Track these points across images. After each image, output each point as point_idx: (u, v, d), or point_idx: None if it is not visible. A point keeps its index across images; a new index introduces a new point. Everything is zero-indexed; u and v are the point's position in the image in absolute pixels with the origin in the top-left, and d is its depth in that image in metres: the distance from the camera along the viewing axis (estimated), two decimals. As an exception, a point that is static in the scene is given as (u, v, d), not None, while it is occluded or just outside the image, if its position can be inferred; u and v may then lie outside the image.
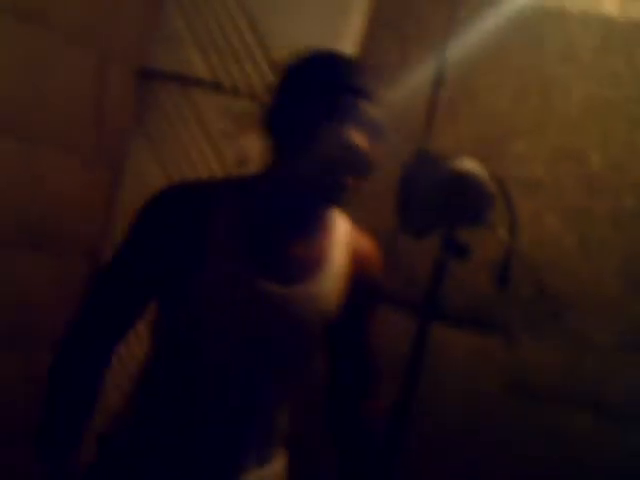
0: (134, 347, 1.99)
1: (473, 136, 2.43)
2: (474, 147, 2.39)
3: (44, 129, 2.25)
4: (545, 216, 2.38)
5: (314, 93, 1.39)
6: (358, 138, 1.37)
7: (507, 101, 2.43)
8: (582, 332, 2.35)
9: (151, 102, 2.45)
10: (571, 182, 2.37)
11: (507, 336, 2.40)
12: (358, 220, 1.59)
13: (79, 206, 2.41)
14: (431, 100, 2.43)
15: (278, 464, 1.59)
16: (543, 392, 2.38)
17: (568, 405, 2.34)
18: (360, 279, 1.56)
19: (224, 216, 1.43)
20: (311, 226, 1.50)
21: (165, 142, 2.44)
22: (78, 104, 2.33)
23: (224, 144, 2.40)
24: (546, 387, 2.38)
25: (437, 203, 1.55)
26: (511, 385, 2.41)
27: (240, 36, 2.42)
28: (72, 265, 2.46)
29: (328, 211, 1.51)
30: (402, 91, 2.30)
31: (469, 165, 1.56)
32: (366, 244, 1.60)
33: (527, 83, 2.42)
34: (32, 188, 2.24)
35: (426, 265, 1.68)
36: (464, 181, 1.54)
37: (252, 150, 2.40)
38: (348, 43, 2.38)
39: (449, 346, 2.43)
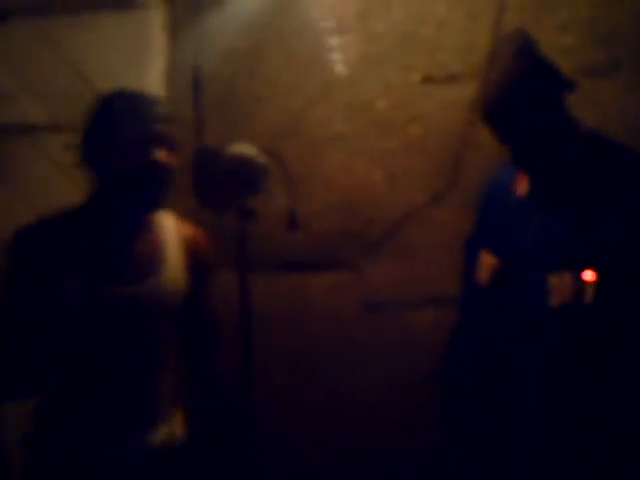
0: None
1: (277, 112, 2.86)
2: (281, 120, 2.84)
3: None
4: (354, 162, 2.84)
5: (122, 121, 1.80)
6: (159, 154, 1.80)
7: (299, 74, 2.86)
8: (410, 246, 2.83)
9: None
10: (366, 128, 2.82)
11: (353, 266, 2.88)
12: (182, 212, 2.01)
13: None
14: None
15: (175, 422, 1.96)
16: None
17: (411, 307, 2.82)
18: (197, 263, 1.96)
19: (69, 243, 1.79)
20: (140, 231, 1.88)
21: (25, 183, 2.82)
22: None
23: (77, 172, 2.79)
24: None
25: (224, 183, 1.97)
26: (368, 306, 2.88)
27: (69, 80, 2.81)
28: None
29: (151, 214, 1.92)
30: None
31: (240, 148, 1.99)
32: (193, 231, 2.00)
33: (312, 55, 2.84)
34: None
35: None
36: (238, 162, 1.97)
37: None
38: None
39: (308, 286, 2.89)
